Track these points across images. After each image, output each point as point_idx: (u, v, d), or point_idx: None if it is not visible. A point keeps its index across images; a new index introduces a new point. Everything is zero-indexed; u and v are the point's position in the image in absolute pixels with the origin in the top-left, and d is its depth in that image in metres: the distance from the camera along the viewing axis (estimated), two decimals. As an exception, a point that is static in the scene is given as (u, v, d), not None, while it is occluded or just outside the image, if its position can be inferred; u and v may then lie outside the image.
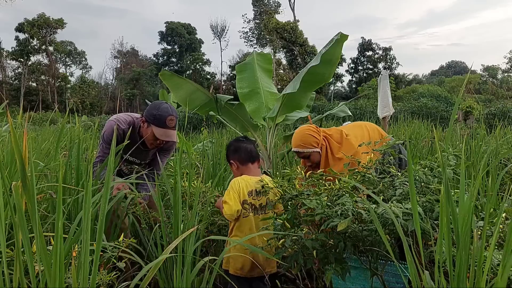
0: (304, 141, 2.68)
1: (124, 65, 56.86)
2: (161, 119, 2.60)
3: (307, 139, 2.68)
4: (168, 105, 2.67)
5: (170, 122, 2.62)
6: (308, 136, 2.69)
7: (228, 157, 2.50)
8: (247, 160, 2.41)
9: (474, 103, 17.42)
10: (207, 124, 11.72)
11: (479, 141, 4.17)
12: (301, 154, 2.70)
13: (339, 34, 3.54)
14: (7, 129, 4.15)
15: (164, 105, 2.66)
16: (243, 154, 2.42)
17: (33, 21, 46.16)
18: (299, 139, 2.71)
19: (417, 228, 1.34)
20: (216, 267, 1.73)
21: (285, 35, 36.52)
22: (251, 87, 4.93)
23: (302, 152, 2.68)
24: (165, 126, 2.62)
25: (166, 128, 2.62)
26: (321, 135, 2.71)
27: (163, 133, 2.62)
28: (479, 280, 1.23)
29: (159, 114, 2.61)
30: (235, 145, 2.47)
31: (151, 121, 2.63)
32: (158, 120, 2.61)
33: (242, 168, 2.42)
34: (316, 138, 2.68)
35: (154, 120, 2.62)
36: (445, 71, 70.00)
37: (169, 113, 2.62)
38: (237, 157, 2.43)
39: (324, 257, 1.77)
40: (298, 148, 2.68)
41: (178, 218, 1.88)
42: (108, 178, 1.36)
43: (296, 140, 2.72)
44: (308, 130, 2.74)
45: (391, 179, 2.05)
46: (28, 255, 1.29)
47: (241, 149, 2.43)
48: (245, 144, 2.46)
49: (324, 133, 2.75)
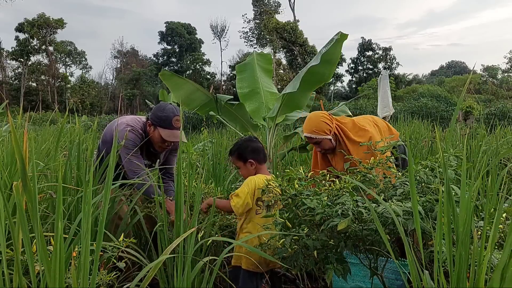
0: (318, 128, 2.67)
1: (124, 65, 56.86)
2: (167, 120, 2.61)
3: (320, 126, 2.67)
4: (172, 106, 2.68)
5: (176, 122, 2.63)
6: (321, 123, 2.68)
7: (244, 157, 2.50)
8: (263, 161, 2.52)
9: (474, 103, 17.44)
10: (207, 124, 11.72)
11: (479, 141, 4.17)
12: (312, 140, 2.70)
13: (339, 34, 3.54)
14: (7, 129, 4.15)
15: (168, 106, 2.67)
16: (261, 154, 2.51)
17: (33, 21, 46.15)
18: (313, 125, 2.69)
19: (417, 227, 1.34)
20: (216, 267, 1.73)
21: (285, 35, 36.52)
22: (251, 87, 4.93)
23: (315, 138, 2.67)
24: (171, 127, 2.62)
25: (173, 129, 2.62)
26: (334, 123, 2.70)
27: (170, 134, 2.62)
28: (479, 280, 1.23)
29: (165, 115, 2.61)
30: (253, 146, 2.52)
31: (157, 123, 2.63)
32: (164, 121, 2.61)
33: (259, 167, 2.49)
34: (329, 125, 2.68)
35: (160, 122, 2.62)
36: (445, 71, 69.99)
37: (175, 113, 2.63)
38: (257, 158, 2.49)
39: (324, 257, 1.77)
40: (311, 134, 2.67)
41: (179, 218, 1.89)
42: (109, 178, 1.36)
43: (310, 126, 2.71)
44: (322, 117, 2.73)
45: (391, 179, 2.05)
46: (29, 255, 1.29)
47: (259, 150, 2.52)
48: (260, 144, 2.55)
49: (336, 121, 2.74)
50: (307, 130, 2.70)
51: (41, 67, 48.42)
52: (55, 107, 39.87)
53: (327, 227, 1.69)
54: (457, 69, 69.47)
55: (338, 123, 2.74)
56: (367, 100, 23.26)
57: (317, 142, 2.69)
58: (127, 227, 2.42)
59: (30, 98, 45.78)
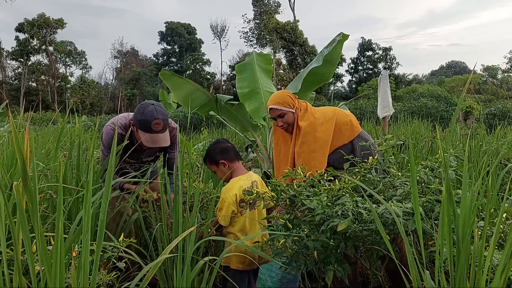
0: (283, 100, 2.80)
1: (124, 65, 56.84)
2: (146, 124, 2.44)
3: (286, 99, 2.81)
4: (153, 108, 2.48)
5: (156, 126, 2.44)
6: (287, 97, 2.82)
7: (215, 159, 2.53)
8: (235, 159, 2.54)
9: (474, 103, 17.43)
10: (207, 124, 11.72)
11: (479, 141, 4.17)
12: (276, 112, 2.80)
13: (340, 35, 3.55)
14: (7, 129, 4.15)
15: (149, 108, 2.47)
16: (231, 153, 2.54)
17: (33, 21, 46.15)
18: (278, 98, 2.82)
19: (418, 227, 1.34)
20: (216, 267, 1.73)
21: (285, 35, 36.53)
22: (251, 87, 4.93)
23: (280, 110, 2.78)
24: (151, 131, 2.45)
25: (152, 133, 2.46)
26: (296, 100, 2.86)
27: (149, 138, 2.47)
28: (479, 280, 1.23)
29: (143, 119, 2.44)
30: (221, 147, 2.55)
31: (137, 126, 2.49)
32: (143, 125, 2.45)
33: (232, 166, 2.51)
34: (293, 100, 2.83)
35: (140, 126, 2.47)
36: (445, 71, 70.00)
37: (154, 116, 2.43)
38: (227, 157, 2.52)
39: (324, 258, 1.77)
40: (277, 106, 2.78)
41: (178, 218, 1.89)
42: (109, 178, 1.36)
43: (275, 98, 2.84)
44: (287, 92, 2.90)
45: (391, 179, 2.05)
46: (29, 255, 1.29)
47: (227, 149, 2.54)
48: (229, 144, 2.58)
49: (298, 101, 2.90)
50: (273, 102, 2.82)
51: (41, 67, 48.41)
52: (55, 107, 39.87)
53: (327, 228, 1.69)
54: (457, 69, 69.50)
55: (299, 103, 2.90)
56: (367, 100, 23.24)
57: (281, 115, 2.80)
58: (127, 226, 2.42)
59: (30, 98, 45.76)
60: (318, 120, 2.72)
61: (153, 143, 2.50)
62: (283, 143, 2.92)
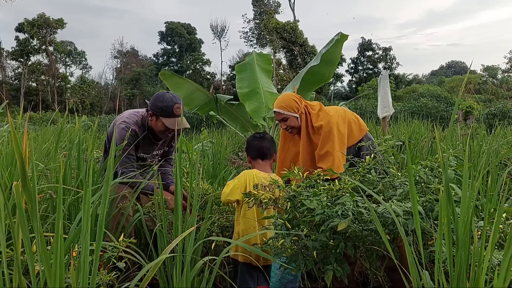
0: (287, 104, 2.81)
1: (124, 65, 56.83)
2: (168, 109, 2.66)
3: (290, 103, 2.81)
4: (171, 94, 2.73)
5: (177, 110, 2.67)
6: (291, 101, 2.82)
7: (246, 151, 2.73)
8: (256, 157, 2.63)
9: (474, 103, 17.43)
10: (207, 124, 11.70)
11: (479, 141, 4.17)
12: (280, 116, 2.83)
13: (339, 34, 3.54)
14: (7, 129, 4.15)
15: (167, 95, 2.71)
16: (252, 151, 2.64)
17: (33, 21, 46.12)
18: (282, 101, 2.84)
19: (417, 227, 1.34)
20: (216, 266, 1.73)
21: (285, 35, 36.51)
22: (251, 87, 4.93)
23: (282, 113, 2.80)
24: (173, 115, 2.66)
25: (174, 117, 2.67)
26: (302, 104, 2.86)
27: (173, 122, 2.67)
28: (479, 280, 1.23)
29: (165, 105, 2.66)
30: (249, 142, 2.70)
31: (159, 113, 2.68)
32: (165, 111, 2.66)
33: (253, 162, 2.64)
34: (298, 105, 2.83)
35: (161, 112, 2.67)
36: (445, 71, 69.97)
37: (174, 101, 2.67)
38: (249, 153, 2.67)
39: (324, 258, 1.77)
40: (280, 109, 2.80)
41: (178, 218, 1.89)
42: (108, 177, 1.36)
43: (279, 102, 2.86)
44: (292, 96, 2.90)
45: (391, 179, 2.05)
46: (28, 255, 1.29)
47: (251, 146, 2.65)
48: (257, 142, 2.65)
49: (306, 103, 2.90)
50: (277, 105, 2.84)
51: (41, 67, 48.38)
52: (55, 107, 39.87)
53: (327, 228, 1.69)
54: (457, 69, 69.46)
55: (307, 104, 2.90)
56: (367, 100, 23.24)
57: (284, 119, 2.82)
58: (129, 226, 2.42)
59: (30, 98, 45.74)
60: (334, 117, 2.72)
61: (178, 125, 2.65)
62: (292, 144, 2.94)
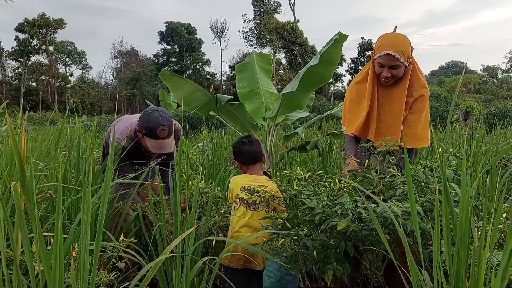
0: (406, 50, 2.27)
1: (124, 65, 56.88)
2: (152, 131, 2.49)
3: (408, 50, 2.29)
4: (158, 114, 2.52)
5: (161, 132, 2.50)
6: (409, 47, 2.30)
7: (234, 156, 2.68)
8: (248, 163, 2.57)
9: (474, 103, 17.43)
10: (207, 124, 11.71)
11: (479, 141, 4.17)
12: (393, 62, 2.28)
13: (338, 34, 3.53)
14: (7, 129, 4.15)
15: (154, 114, 2.52)
16: (245, 157, 2.56)
17: (33, 21, 46.15)
18: (402, 46, 2.27)
19: (416, 227, 1.34)
20: (216, 267, 1.73)
21: (285, 35, 36.54)
22: (251, 87, 4.93)
23: (397, 59, 2.26)
24: (157, 137, 2.50)
25: (158, 139, 2.51)
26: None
27: (155, 145, 2.53)
28: (478, 280, 1.23)
29: (149, 126, 2.49)
30: (238, 148, 2.60)
31: (143, 132, 2.53)
32: (149, 132, 2.50)
33: (245, 168, 2.58)
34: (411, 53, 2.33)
35: (146, 132, 2.51)
36: (445, 71, 69.97)
37: (160, 123, 2.48)
38: (240, 159, 2.59)
39: (324, 257, 1.77)
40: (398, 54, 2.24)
41: (177, 218, 1.89)
42: (108, 178, 1.36)
43: (399, 45, 2.27)
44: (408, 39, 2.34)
45: (391, 179, 2.05)
46: (28, 255, 1.29)
47: (243, 152, 2.57)
48: (248, 146, 2.57)
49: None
50: (396, 48, 2.25)
51: (41, 67, 48.43)
52: (55, 107, 39.85)
53: (326, 227, 1.69)
54: (457, 69, 69.45)
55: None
56: (367, 100, 23.18)
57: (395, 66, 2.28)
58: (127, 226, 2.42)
59: (30, 98, 45.78)
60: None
61: (159, 149, 2.54)
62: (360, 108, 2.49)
